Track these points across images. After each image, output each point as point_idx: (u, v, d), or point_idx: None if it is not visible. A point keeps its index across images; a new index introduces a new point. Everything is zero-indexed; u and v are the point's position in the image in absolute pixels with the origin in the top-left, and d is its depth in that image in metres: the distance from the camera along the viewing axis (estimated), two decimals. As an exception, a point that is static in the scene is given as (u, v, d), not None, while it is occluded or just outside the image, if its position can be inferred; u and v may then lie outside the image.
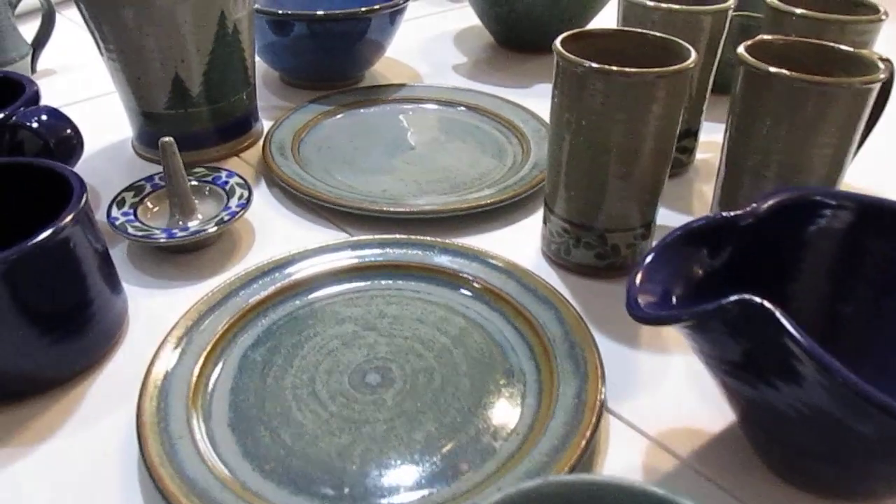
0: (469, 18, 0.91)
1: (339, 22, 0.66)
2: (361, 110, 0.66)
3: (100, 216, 0.50)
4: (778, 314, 0.26)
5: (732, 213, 0.35)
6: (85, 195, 0.39)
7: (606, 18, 0.81)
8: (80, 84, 0.74)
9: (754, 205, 0.36)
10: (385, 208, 0.51)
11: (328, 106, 0.65)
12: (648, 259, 0.33)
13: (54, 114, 0.49)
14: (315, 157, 0.59)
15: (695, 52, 0.43)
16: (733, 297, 0.26)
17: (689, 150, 0.58)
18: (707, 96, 0.56)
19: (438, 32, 0.89)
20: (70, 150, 0.49)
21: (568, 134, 0.44)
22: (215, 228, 0.47)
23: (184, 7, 0.52)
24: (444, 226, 0.52)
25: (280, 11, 0.65)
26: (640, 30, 0.46)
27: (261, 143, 0.60)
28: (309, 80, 0.72)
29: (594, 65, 0.41)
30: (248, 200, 0.50)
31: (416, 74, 0.77)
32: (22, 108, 0.48)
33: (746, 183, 0.45)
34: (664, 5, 0.52)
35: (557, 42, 0.43)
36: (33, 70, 0.74)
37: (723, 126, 0.47)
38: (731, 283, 0.33)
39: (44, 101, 0.51)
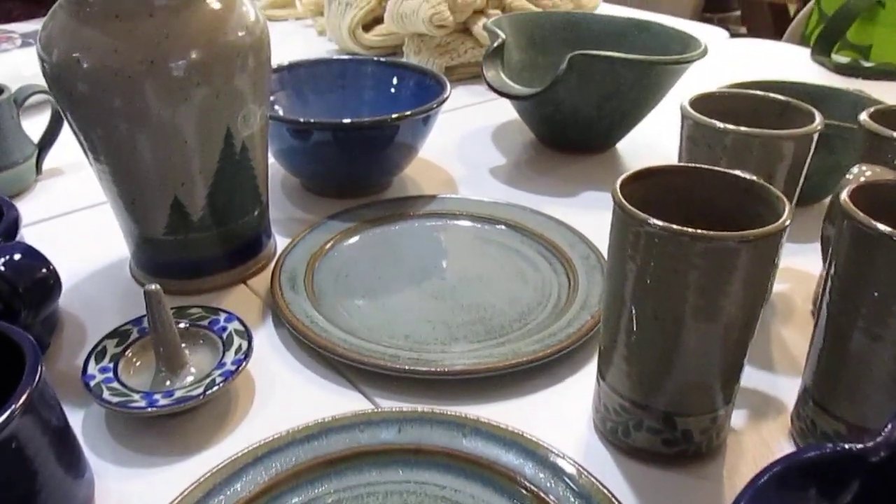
0: (508, 112, 0.84)
1: (365, 130, 0.59)
2: (387, 228, 0.59)
3: (77, 363, 0.43)
4: None
5: (858, 446, 0.26)
6: (39, 371, 0.33)
7: (660, 119, 0.74)
8: (89, 186, 0.68)
9: (888, 429, 0.27)
10: (407, 367, 0.43)
11: (349, 223, 0.58)
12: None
13: (28, 252, 0.42)
14: (331, 288, 0.52)
15: (788, 205, 0.34)
16: None
17: (765, 289, 0.50)
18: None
19: (475, 127, 0.82)
20: (45, 294, 0.43)
21: (629, 300, 0.35)
22: (202, 397, 0.40)
23: (185, 123, 0.45)
24: (478, 385, 0.44)
25: (302, 119, 0.58)
26: (717, 169, 0.38)
27: (270, 269, 0.53)
28: (332, 187, 0.65)
29: (659, 223, 0.33)
30: (247, 355, 0.43)
31: (449, 179, 0.70)
32: (-12, 250, 0.41)
33: (854, 366, 0.36)
34: (739, 129, 0.44)
35: (617, 185, 0.36)
36: (38, 171, 0.69)
37: (806, 247, 0.39)
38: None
39: (45, 207, 0.44)
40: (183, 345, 0.44)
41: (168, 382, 0.42)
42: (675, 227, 0.32)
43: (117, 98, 0.43)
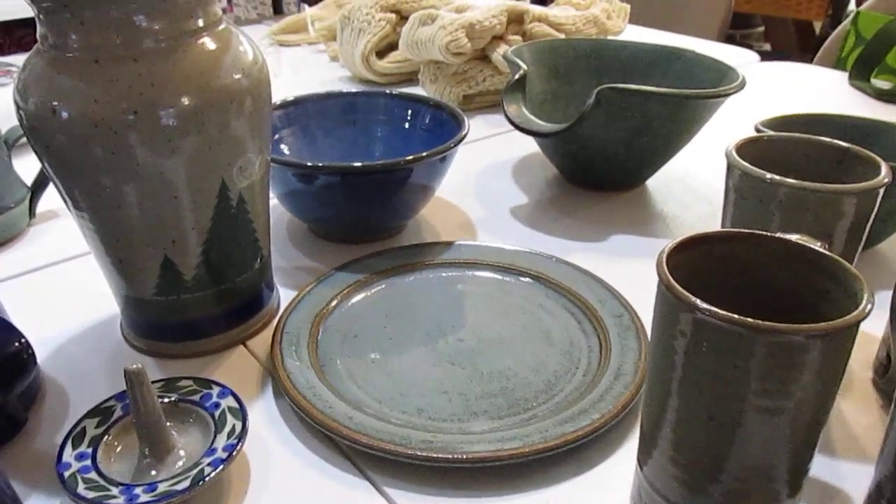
0: (529, 145, 0.80)
1: (377, 173, 0.55)
2: (400, 279, 0.54)
3: (58, 441, 0.39)
4: None
5: None
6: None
7: (692, 152, 0.70)
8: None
9: None
10: (420, 452, 0.38)
11: (359, 275, 0.54)
12: None
13: (-1, 324, 0.38)
14: (338, 351, 0.47)
15: (865, 284, 0.29)
16: None
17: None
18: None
19: (494, 161, 0.77)
20: (16, 370, 0.38)
21: (676, 393, 0.30)
22: (188, 492, 0.35)
23: (175, 177, 0.41)
24: (500, 472, 0.39)
25: (308, 163, 0.53)
26: (778, 236, 0.33)
27: (272, 327, 0.49)
28: (341, 232, 0.61)
29: (713, 310, 0.28)
30: (241, 439, 0.38)
31: (467, 221, 0.65)
32: (-47, 323, 0.37)
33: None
34: (795, 182, 0.39)
35: (663, 259, 0.31)
36: (32, 214, 0.65)
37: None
38: None
39: (32, 257, 0.40)
40: (170, 424, 0.39)
41: (153, 471, 0.38)
42: (733, 316, 0.27)
43: (99, 151, 0.39)
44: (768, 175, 0.40)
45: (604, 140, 0.63)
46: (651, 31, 1.24)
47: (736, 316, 0.28)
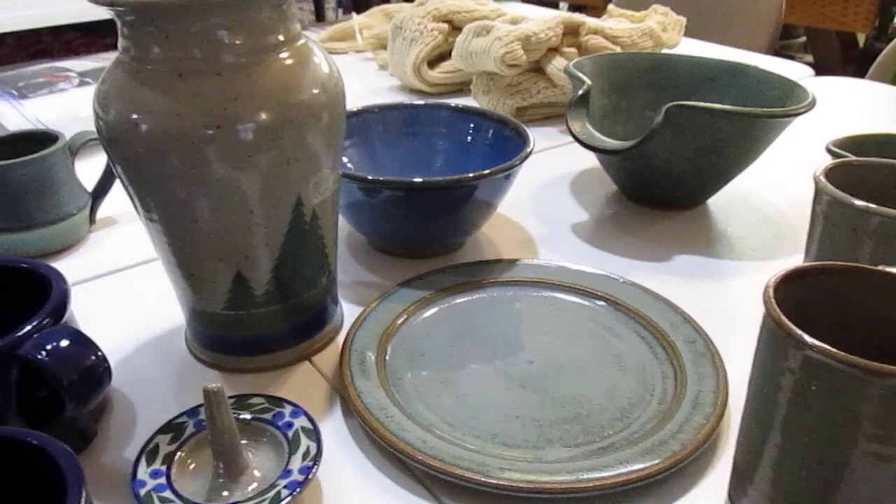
0: (585, 159, 0.79)
1: (441, 189, 0.54)
2: (464, 298, 0.53)
3: (126, 455, 0.39)
4: None
5: None
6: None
7: (753, 170, 0.68)
8: (143, 238, 0.64)
9: None
10: (499, 482, 0.37)
11: (423, 291, 0.53)
12: None
13: (74, 338, 0.38)
14: (405, 370, 0.46)
15: None
16: None
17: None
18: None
19: (551, 176, 0.76)
20: (93, 385, 0.38)
21: (780, 434, 0.29)
22: (266, 516, 0.35)
23: (251, 192, 0.40)
24: (579, 502, 0.38)
25: (371, 177, 0.53)
26: (887, 270, 0.32)
27: (337, 342, 0.48)
28: (401, 247, 0.60)
29: (826, 348, 0.27)
30: (316, 461, 0.37)
31: (526, 238, 0.64)
32: (33, 337, 0.37)
33: None
34: (889, 211, 0.38)
35: (770, 291, 0.30)
36: (92, 221, 0.65)
37: None
38: None
39: (95, 263, 0.40)
40: (244, 442, 0.39)
41: (226, 491, 0.37)
42: (849, 357, 0.26)
43: (177, 164, 0.39)
44: (862, 203, 0.39)
45: (670, 158, 0.62)
46: (704, 44, 1.22)
47: (852, 357, 0.26)
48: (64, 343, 0.37)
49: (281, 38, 0.41)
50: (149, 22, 0.38)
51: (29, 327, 0.37)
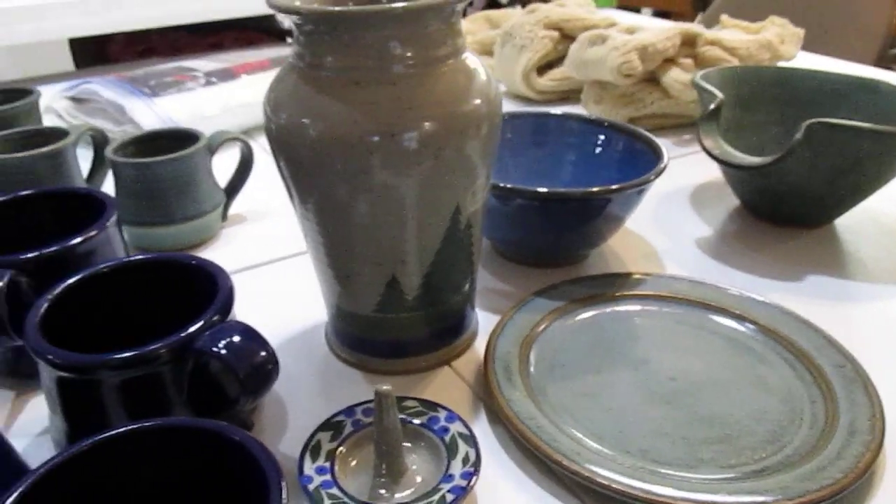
0: (704, 171, 0.78)
1: (575, 200, 0.54)
2: (598, 309, 0.53)
3: (281, 449, 0.40)
4: None
5: None
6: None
7: (882, 194, 0.66)
8: (273, 235, 0.67)
9: None
10: (658, 498, 0.37)
11: (557, 301, 0.53)
12: None
13: (246, 334, 0.39)
14: (547, 379, 0.47)
15: None
16: None
17: None
18: None
19: (669, 188, 0.75)
20: (263, 380, 0.39)
21: None
22: (436, 519, 0.35)
23: (412, 198, 0.41)
24: (737, 526, 0.37)
25: (503, 185, 0.53)
26: None
27: (475, 349, 0.49)
28: (528, 255, 0.61)
29: None
30: (476, 468, 0.38)
31: (651, 251, 0.64)
32: (208, 332, 0.38)
33: None
34: None
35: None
36: (224, 218, 0.67)
37: None
38: None
39: (227, 259, 0.42)
40: (405, 444, 0.40)
41: (384, 490, 0.38)
42: None
43: (347, 169, 0.40)
44: None
45: (806, 176, 0.60)
46: (821, 58, 1.19)
47: None
48: (237, 338, 0.39)
49: (449, 50, 0.41)
50: (326, 31, 0.40)
51: (202, 322, 0.39)
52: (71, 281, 0.42)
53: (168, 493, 0.32)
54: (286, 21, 0.42)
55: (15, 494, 0.28)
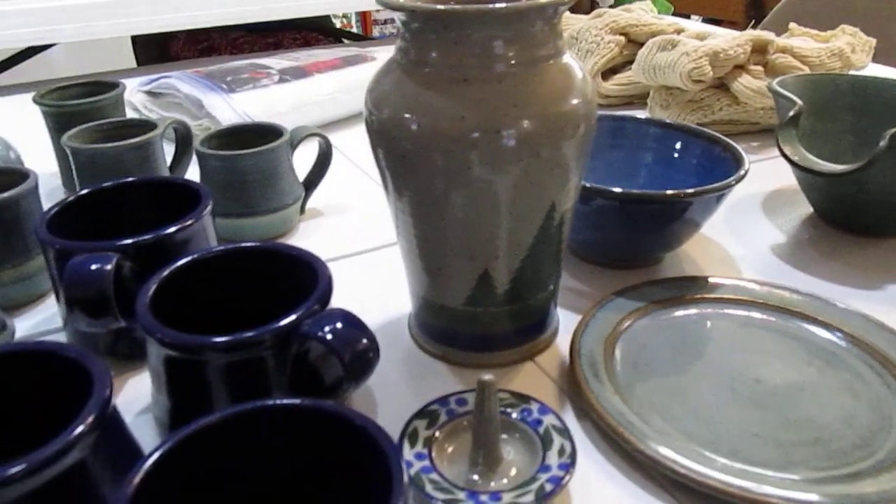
0: (775, 177, 0.77)
1: (655, 203, 0.54)
2: (679, 311, 0.54)
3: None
4: None
5: None
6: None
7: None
8: (349, 228, 0.68)
9: None
10: (755, 496, 0.37)
11: (638, 302, 0.54)
12: None
13: (349, 321, 0.40)
14: (633, 377, 0.47)
15: None
16: None
17: None
18: None
19: (739, 194, 0.75)
20: (365, 367, 0.40)
21: None
22: (535, 505, 0.36)
23: (510, 195, 0.42)
24: (833, 528, 0.37)
25: (587, 185, 0.54)
26: None
27: (557, 345, 0.50)
28: (604, 256, 0.61)
29: None
30: (573, 460, 0.39)
31: (726, 256, 0.64)
32: (309, 319, 0.39)
33: None
34: None
35: None
36: (302, 211, 0.69)
37: None
38: None
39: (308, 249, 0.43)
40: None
41: (477, 477, 0.39)
42: None
43: (449, 164, 0.41)
44: None
45: (887, 185, 0.60)
46: (891, 69, 1.17)
47: None
48: (340, 325, 0.40)
49: (551, 50, 0.42)
50: (433, 28, 0.41)
51: (305, 309, 0.40)
52: (179, 264, 0.44)
53: (287, 472, 0.33)
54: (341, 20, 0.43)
55: (154, 458, 0.29)
